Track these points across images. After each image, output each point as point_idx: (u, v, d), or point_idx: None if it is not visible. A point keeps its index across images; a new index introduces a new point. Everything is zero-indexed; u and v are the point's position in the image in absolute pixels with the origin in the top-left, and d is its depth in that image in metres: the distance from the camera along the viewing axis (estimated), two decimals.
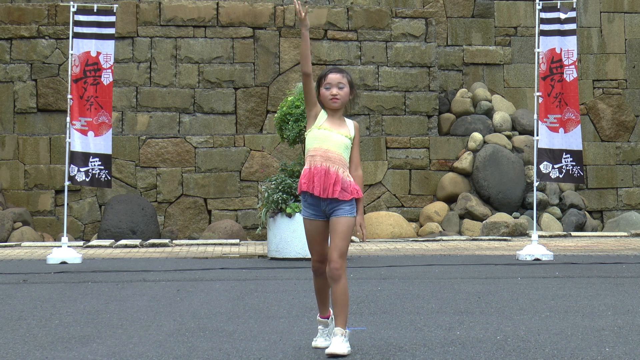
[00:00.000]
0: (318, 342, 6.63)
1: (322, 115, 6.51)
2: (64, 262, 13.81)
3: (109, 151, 14.21)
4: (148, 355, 6.48)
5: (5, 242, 17.95)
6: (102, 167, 14.11)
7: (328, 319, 6.63)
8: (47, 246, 17.02)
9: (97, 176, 14.16)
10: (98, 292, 10.21)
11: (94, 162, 14.11)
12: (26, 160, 19.33)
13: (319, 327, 6.66)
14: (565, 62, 14.15)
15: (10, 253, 15.95)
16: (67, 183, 14.31)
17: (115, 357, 6.43)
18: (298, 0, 6.55)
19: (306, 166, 6.49)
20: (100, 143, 14.13)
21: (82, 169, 14.16)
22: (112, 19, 14.36)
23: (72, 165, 14.18)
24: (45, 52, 19.70)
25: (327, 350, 6.31)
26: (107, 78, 14.18)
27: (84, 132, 14.14)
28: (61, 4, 19.71)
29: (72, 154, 14.19)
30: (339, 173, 6.40)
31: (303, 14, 6.43)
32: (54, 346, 6.86)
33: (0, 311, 8.75)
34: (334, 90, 6.45)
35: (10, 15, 19.79)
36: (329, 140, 6.46)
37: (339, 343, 6.30)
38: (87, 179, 14.16)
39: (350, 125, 6.54)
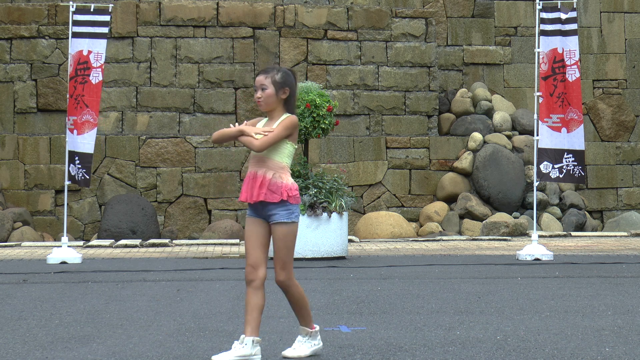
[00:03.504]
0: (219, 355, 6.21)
1: (263, 120, 6.42)
2: (64, 262, 13.81)
3: (90, 150, 14.12)
4: (148, 355, 6.48)
5: (5, 242, 17.94)
6: (80, 166, 14.08)
7: (245, 334, 6.19)
8: (47, 246, 17.02)
9: (73, 175, 14.12)
10: (98, 292, 10.21)
11: (77, 160, 14.12)
12: (26, 160, 19.33)
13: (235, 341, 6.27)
14: (568, 62, 14.14)
15: (10, 253, 15.95)
16: (67, 183, 14.31)
17: (115, 357, 6.43)
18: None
19: None
20: (81, 142, 14.08)
21: (71, 168, 14.19)
22: (106, 18, 14.35)
23: (71, 165, 14.19)
24: (45, 52, 19.70)
25: (283, 352, 6.42)
26: (95, 77, 14.13)
27: (71, 131, 14.16)
28: (61, 4, 19.70)
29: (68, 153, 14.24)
30: (267, 176, 6.22)
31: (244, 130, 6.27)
32: (54, 346, 6.86)
33: (0, 311, 8.75)
34: (258, 93, 6.29)
35: (10, 15, 19.79)
36: None
37: (296, 345, 6.42)
38: (77, 178, 14.17)
39: (279, 121, 6.31)
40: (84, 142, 14.08)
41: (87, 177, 14.15)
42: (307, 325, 6.39)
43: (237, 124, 6.44)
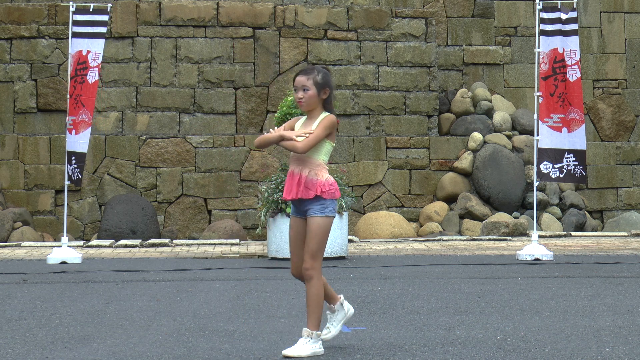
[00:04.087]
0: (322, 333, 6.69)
1: (302, 119, 6.66)
2: (64, 262, 13.81)
3: (84, 150, 14.19)
4: (148, 355, 6.48)
5: (5, 242, 17.95)
6: (76, 166, 14.13)
7: (334, 305, 6.71)
8: (47, 246, 17.02)
9: (70, 174, 14.18)
10: (98, 292, 10.21)
11: (73, 160, 14.16)
12: (26, 160, 19.33)
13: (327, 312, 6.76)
14: (568, 62, 14.14)
15: (10, 253, 15.95)
16: (67, 183, 14.32)
17: (115, 357, 6.43)
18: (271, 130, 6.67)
19: None
20: (77, 141, 14.13)
21: (69, 167, 14.24)
22: (104, 18, 14.36)
23: (69, 165, 14.24)
24: (45, 52, 19.70)
25: (284, 351, 6.43)
26: (92, 77, 14.17)
27: (70, 131, 14.20)
28: (61, 4, 19.71)
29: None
30: (303, 174, 6.49)
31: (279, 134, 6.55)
32: (54, 346, 6.86)
33: (0, 311, 8.75)
34: (299, 94, 6.55)
35: (10, 15, 19.79)
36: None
37: (298, 345, 6.39)
38: (73, 177, 14.22)
39: (318, 120, 6.54)
40: (80, 141, 14.12)
41: (80, 177, 14.18)
42: (313, 327, 6.43)
43: (275, 128, 6.68)
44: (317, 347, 6.43)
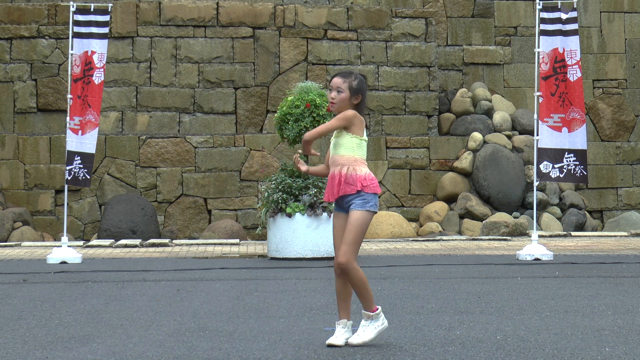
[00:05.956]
0: (330, 339, 6.70)
1: None
2: (64, 262, 13.81)
3: (92, 150, 14.22)
4: (148, 355, 6.48)
5: (5, 242, 17.95)
6: (82, 166, 14.15)
7: (344, 320, 6.71)
8: (47, 246, 17.02)
9: (76, 175, 14.20)
10: (98, 292, 10.21)
11: (77, 160, 14.18)
12: (26, 160, 19.33)
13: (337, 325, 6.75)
14: (569, 62, 14.14)
15: (10, 253, 15.95)
16: (67, 183, 14.33)
17: (115, 357, 6.42)
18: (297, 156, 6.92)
19: None
20: (84, 142, 14.16)
21: (68, 167, 14.25)
22: (105, 18, 14.38)
23: (72, 165, 14.25)
24: (45, 52, 19.70)
25: (349, 340, 6.60)
26: (98, 77, 14.22)
27: (75, 132, 14.21)
28: (61, 3, 19.71)
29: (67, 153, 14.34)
30: (342, 172, 6.61)
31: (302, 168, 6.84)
32: (54, 346, 6.85)
33: (0, 311, 8.75)
34: (332, 94, 6.64)
35: (10, 15, 19.79)
36: (332, 145, 6.75)
37: (361, 331, 6.57)
38: (69, 177, 14.23)
39: None
40: (86, 141, 14.15)
41: (88, 177, 14.22)
42: (369, 309, 6.60)
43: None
44: (379, 324, 6.61)
